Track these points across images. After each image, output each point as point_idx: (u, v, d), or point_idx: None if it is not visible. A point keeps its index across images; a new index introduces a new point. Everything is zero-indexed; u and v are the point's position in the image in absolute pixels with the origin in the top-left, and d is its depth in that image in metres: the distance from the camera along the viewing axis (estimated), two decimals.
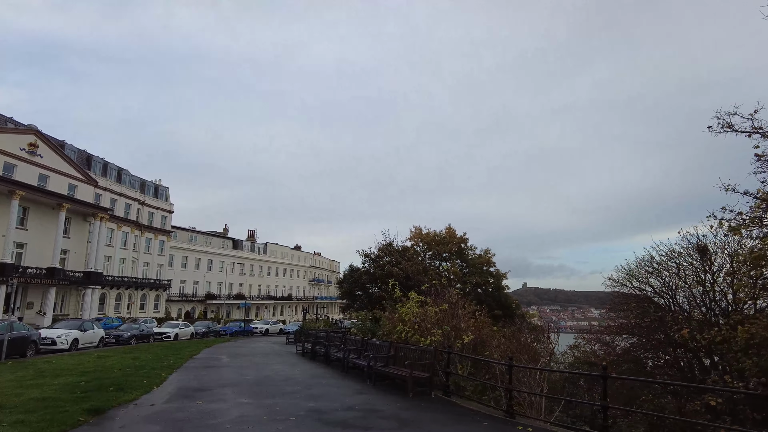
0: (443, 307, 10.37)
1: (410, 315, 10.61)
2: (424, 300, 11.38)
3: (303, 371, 13.29)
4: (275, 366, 14.74)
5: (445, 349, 9.54)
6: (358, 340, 13.59)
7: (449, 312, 10.41)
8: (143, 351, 19.46)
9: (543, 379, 8.24)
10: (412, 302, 10.72)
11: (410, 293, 10.88)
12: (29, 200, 35.92)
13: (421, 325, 10.84)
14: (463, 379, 9.70)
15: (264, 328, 45.47)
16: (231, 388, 10.30)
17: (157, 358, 16.60)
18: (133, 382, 10.53)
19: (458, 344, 10.06)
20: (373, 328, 16.57)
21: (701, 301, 15.94)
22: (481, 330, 10.66)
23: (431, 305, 10.60)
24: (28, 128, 37.41)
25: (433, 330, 10.14)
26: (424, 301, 11.38)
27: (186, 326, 34.32)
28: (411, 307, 10.66)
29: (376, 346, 11.99)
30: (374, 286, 36.42)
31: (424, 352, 9.81)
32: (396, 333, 11.50)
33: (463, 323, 10.50)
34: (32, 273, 35.17)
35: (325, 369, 13.76)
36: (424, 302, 11.15)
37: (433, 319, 10.59)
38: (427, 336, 10.29)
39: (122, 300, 48.44)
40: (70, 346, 19.53)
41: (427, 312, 10.84)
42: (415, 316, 10.70)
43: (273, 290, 79.11)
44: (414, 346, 10.26)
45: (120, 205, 48.66)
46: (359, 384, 10.71)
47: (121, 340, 24.70)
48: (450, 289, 12.96)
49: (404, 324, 11.01)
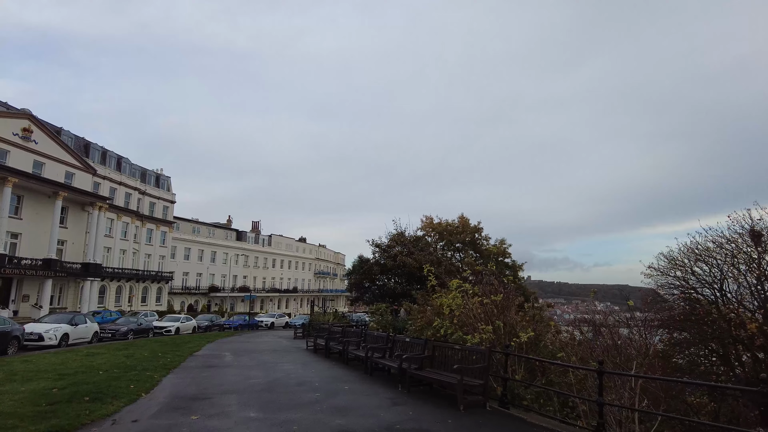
0: (497, 297, 8.47)
1: (453, 307, 8.72)
2: (466, 289, 9.47)
3: (319, 372, 11.46)
4: (285, 365, 12.93)
5: (501, 349, 7.67)
6: (382, 336, 11.74)
7: (500, 304, 8.52)
8: (139, 347, 17.72)
9: (637, 388, 6.35)
10: (455, 292, 8.82)
11: (453, 281, 8.98)
12: (23, 188, 34.19)
13: (463, 320, 8.97)
14: (520, 385, 7.83)
15: (269, 321, 43.82)
16: (235, 395, 8.48)
17: (153, 356, 14.83)
18: (117, 388, 8.73)
19: (513, 343, 8.18)
20: (395, 323, 14.76)
21: (755, 291, 14.15)
22: (537, 325, 8.78)
23: (480, 295, 8.69)
24: (22, 112, 35.59)
25: (481, 326, 8.26)
26: (465, 290, 9.47)
27: (188, 320, 32.64)
28: (454, 298, 8.76)
29: (406, 344, 10.13)
30: (384, 277, 34.63)
31: (472, 354, 7.94)
32: (431, 329, 9.66)
33: (518, 317, 8.62)
34: (27, 264, 33.51)
35: (344, 370, 11.92)
36: (465, 291, 9.24)
37: (478, 312, 8.72)
38: (473, 333, 8.41)
39: (123, 293, 46.88)
40: (59, 342, 17.82)
41: (469, 304, 8.96)
42: (459, 309, 8.82)
43: (278, 283, 77.56)
44: (458, 345, 8.38)
45: (120, 195, 46.94)
46: (390, 390, 8.86)
47: (118, 335, 23.00)
48: (490, 277, 11.05)
49: (442, 318, 9.13)
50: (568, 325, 13.85)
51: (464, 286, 8.96)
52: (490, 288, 9.07)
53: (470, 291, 8.98)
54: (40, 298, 34.99)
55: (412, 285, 32.21)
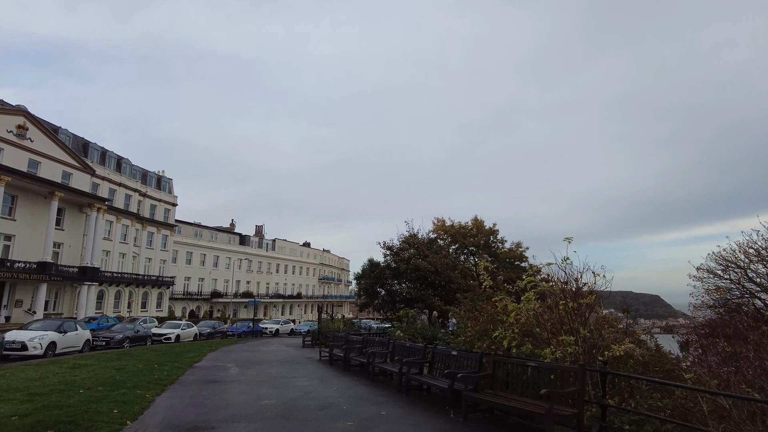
0: (587, 300, 6.60)
1: (523, 313, 6.87)
2: (542, 290, 7.57)
3: (342, 391, 9.60)
4: (301, 381, 11.08)
5: (595, 367, 5.84)
6: (417, 348, 9.89)
7: (578, 310, 6.67)
8: (134, 358, 15.90)
9: None
10: (530, 293, 6.96)
11: (526, 278, 7.13)
12: (18, 187, 32.55)
13: (528, 329, 7.14)
14: (619, 414, 5.97)
15: (274, 328, 41.91)
16: (245, 424, 6.66)
17: (148, 368, 13.03)
18: (96, 414, 6.92)
19: (600, 359, 6.34)
20: (424, 331, 12.92)
21: None
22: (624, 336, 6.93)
23: (562, 298, 6.81)
24: (17, 109, 34.02)
25: (561, 337, 6.43)
26: (540, 291, 7.56)
27: (189, 326, 30.80)
28: (528, 300, 6.89)
29: (452, 359, 8.29)
30: (396, 282, 32.74)
31: (552, 372, 6.09)
32: (486, 339, 7.83)
33: (605, 327, 6.79)
34: (20, 267, 31.79)
35: (371, 388, 10.06)
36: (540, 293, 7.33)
37: (550, 319, 6.89)
38: (549, 345, 6.58)
39: (122, 298, 45.08)
40: (45, 351, 16.01)
41: (526, 309, 7.12)
42: (526, 315, 6.98)
43: (281, 288, 75.65)
44: (532, 361, 6.53)
45: (119, 196, 45.29)
46: (439, 418, 7.02)
47: (113, 343, 21.18)
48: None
49: (504, 327, 7.30)
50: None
51: (540, 286, 7.07)
52: (563, 288, 7.23)
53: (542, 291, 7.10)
54: (34, 304, 33.24)
55: (427, 290, 30.39)
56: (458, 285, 31.18)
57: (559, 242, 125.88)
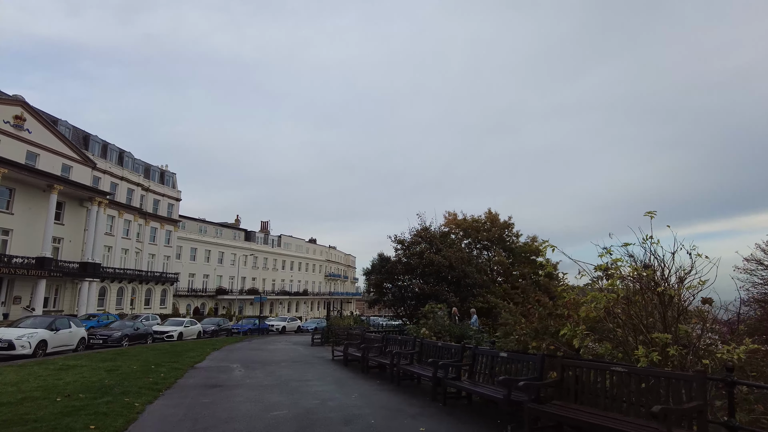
0: (676, 291, 5.11)
1: (603, 303, 5.40)
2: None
3: (365, 398, 8.19)
4: (315, 385, 9.68)
5: (721, 374, 4.39)
6: (452, 348, 8.45)
7: (668, 302, 5.21)
8: (130, 357, 14.58)
9: None
10: (614, 280, 5.48)
11: (609, 259, 5.66)
12: (15, 180, 31.37)
13: (601, 325, 5.68)
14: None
15: (281, 325, 40.66)
16: None
17: (144, 370, 11.69)
18: (67, 431, 5.56)
19: (706, 362, 4.90)
20: (452, 329, 11.50)
21: None
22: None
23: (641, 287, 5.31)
24: (14, 99, 32.84)
25: (654, 334, 4.98)
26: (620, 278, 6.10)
27: (192, 324, 29.53)
28: (611, 288, 5.41)
29: (500, 362, 6.86)
30: (407, 277, 31.31)
31: (656, 381, 4.64)
32: (545, 339, 6.40)
33: (692, 321, 5.33)
34: (18, 263, 30.65)
35: (398, 394, 8.65)
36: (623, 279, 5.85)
37: (636, 313, 5.43)
38: (635, 347, 5.12)
39: (125, 295, 43.96)
40: (34, 350, 14.73)
41: (606, 299, 5.66)
42: (600, 310, 5.53)
43: (288, 285, 74.44)
44: (621, 366, 5.07)
45: (122, 190, 44.13)
46: None
47: (110, 341, 19.91)
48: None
49: (573, 323, 5.85)
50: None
51: (619, 272, 5.59)
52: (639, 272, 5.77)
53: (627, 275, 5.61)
54: (33, 300, 32.12)
55: (441, 285, 28.94)
56: (474, 280, 29.72)
57: (562, 241, 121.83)
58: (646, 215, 6.05)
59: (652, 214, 6.00)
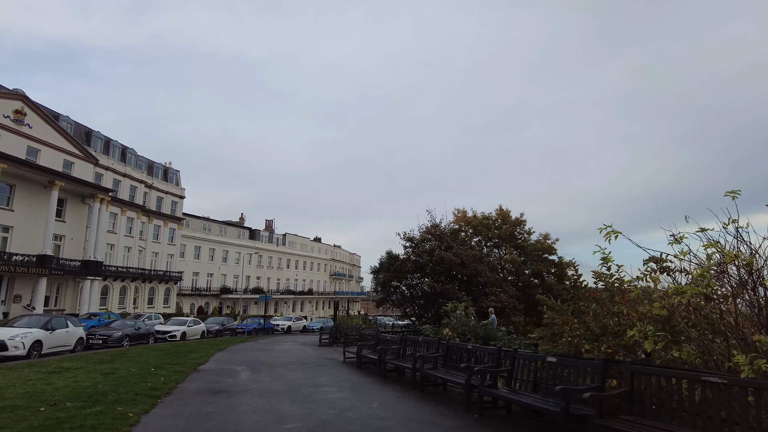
0: None
1: (687, 297, 4.46)
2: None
3: (389, 409, 7.26)
4: (329, 392, 8.77)
5: None
6: (488, 352, 7.52)
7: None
8: (129, 359, 13.74)
9: None
10: (705, 268, 4.55)
11: (706, 243, 4.72)
12: (15, 176, 30.67)
13: (673, 326, 4.74)
14: None
15: (286, 325, 39.83)
16: None
17: (143, 373, 10.83)
18: None
19: None
20: (477, 330, 10.57)
21: None
22: None
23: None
24: (14, 93, 32.12)
25: (756, 337, 4.04)
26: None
27: (196, 323, 28.70)
28: (701, 279, 4.48)
29: (546, 367, 5.94)
30: (416, 275, 30.37)
31: None
32: (607, 341, 5.47)
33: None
34: (19, 261, 29.94)
35: (426, 403, 7.72)
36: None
37: (730, 313, 4.49)
38: (726, 352, 4.19)
39: (127, 293, 43.25)
40: (28, 351, 13.90)
41: (691, 293, 4.71)
42: (680, 306, 4.60)
43: (293, 284, 73.67)
44: (716, 376, 4.13)
45: (124, 187, 43.41)
46: None
47: (110, 342, 19.09)
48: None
49: (642, 322, 4.91)
50: None
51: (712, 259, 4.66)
52: None
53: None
54: (33, 299, 31.41)
55: (452, 284, 27.99)
56: (486, 279, 28.76)
57: (569, 239, 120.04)
58: (727, 195, 5.10)
59: (735, 193, 5.05)
